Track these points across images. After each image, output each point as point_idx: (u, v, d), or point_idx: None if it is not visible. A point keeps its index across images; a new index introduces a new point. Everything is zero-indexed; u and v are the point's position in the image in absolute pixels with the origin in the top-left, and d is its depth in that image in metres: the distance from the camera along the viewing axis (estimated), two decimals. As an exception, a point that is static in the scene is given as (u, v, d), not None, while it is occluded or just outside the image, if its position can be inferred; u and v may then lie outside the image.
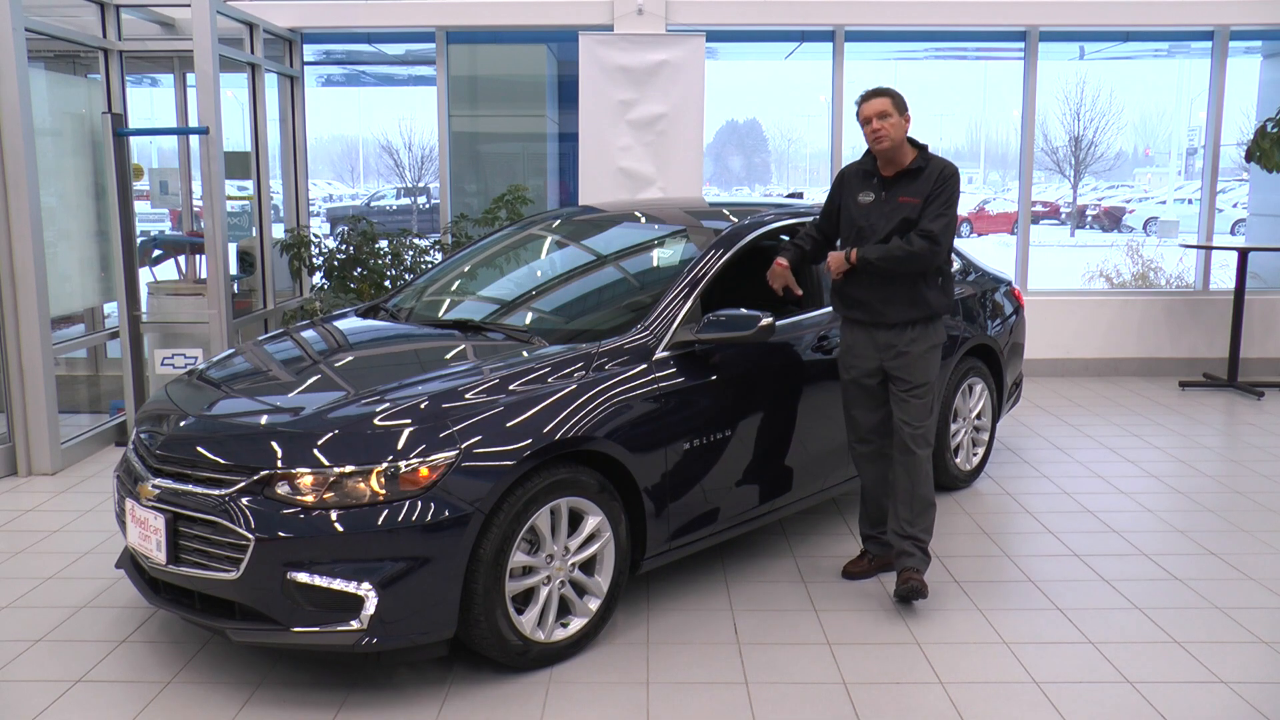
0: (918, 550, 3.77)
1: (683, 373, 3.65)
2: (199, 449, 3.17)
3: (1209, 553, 4.30)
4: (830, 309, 4.18)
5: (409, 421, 3.10)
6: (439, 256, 7.38)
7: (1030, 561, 4.22)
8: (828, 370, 4.14)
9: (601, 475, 3.35)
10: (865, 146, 3.80)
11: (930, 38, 8.56)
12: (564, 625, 3.33)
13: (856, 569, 4.03)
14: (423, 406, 3.16)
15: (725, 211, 4.62)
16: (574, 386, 3.36)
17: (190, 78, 7.16)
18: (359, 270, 7.12)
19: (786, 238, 4.24)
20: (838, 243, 3.94)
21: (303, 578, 2.92)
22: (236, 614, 3.06)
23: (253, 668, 3.28)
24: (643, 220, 4.71)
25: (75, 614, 3.70)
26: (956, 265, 5.21)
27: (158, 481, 3.19)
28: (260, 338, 4.32)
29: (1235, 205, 13.26)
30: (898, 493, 3.82)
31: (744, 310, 3.69)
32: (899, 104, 3.69)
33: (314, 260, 7.24)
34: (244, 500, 2.98)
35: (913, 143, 3.75)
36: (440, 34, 7.85)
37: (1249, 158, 7.45)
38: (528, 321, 4.08)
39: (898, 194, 3.70)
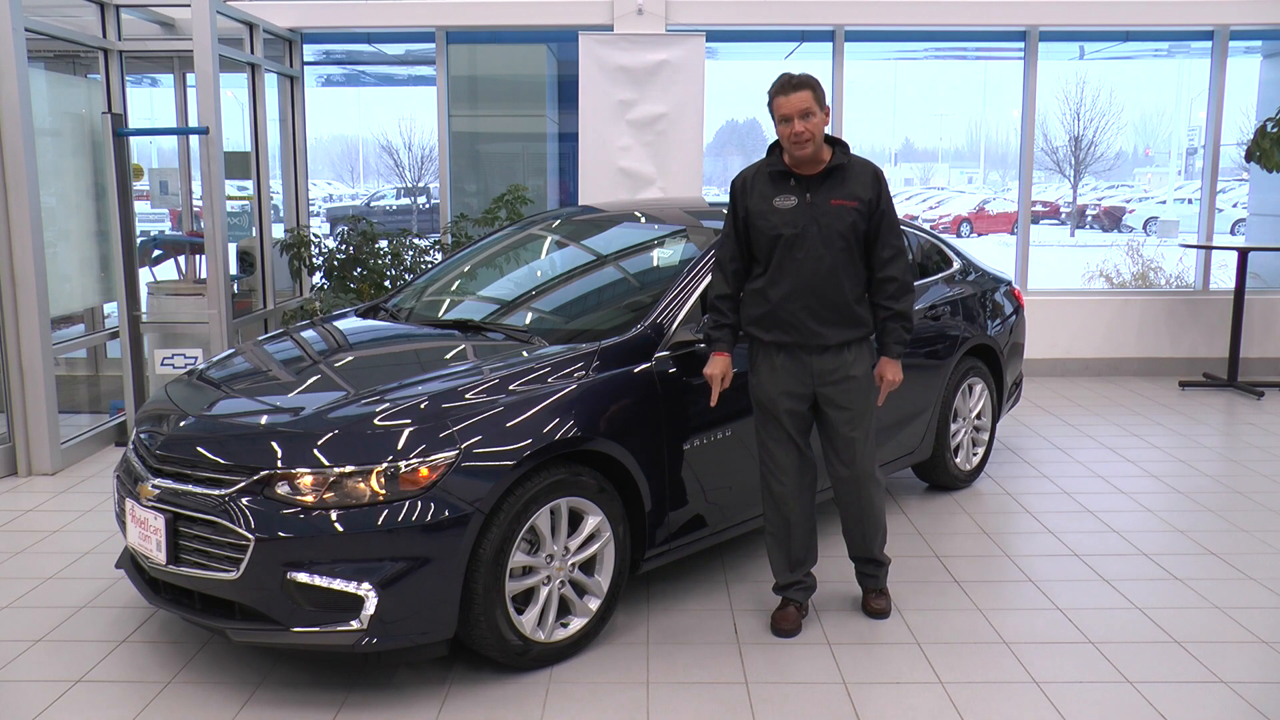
0: (879, 570, 3.73)
1: (683, 373, 3.65)
2: (199, 449, 3.17)
3: (1209, 553, 4.30)
4: None
5: (409, 421, 3.10)
6: (439, 256, 7.37)
7: (1030, 561, 4.22)
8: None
9: (601, 475, 3.35)
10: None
11: (930, 37, 8.56)
12: (564, 625, 3.32)
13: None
14: (423, 406, 3.16)
15: (725, 211, 4.61)
16: (574, 386, 3.36)
17: (190, 78, 7.16)
18: (359, 270, 7.12)
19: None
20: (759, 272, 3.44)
21: (303, 578, 2.92)
22: (236, 614, 3.06)
23: (253, 668, 3.28)
24: (643, 220, 4.71)
25: (75, 614, 3.70)
26: (956, 265, 5.21)
27: (158, 481, 3.19)
28: (260, 338, 4.32)
29: (1235, 205, 13.27)
30: (851, 523, 3.63)
31: (744, 310, 3.68)
32: (819, 96, 3.25)
33: (314, 260, 7.23)
34: (244, 500, 2.98)
35: (826, 137, 3.36)
36: (440, 34, 7.85)
37: (1249, 158, 7.45)
38: (528, 321, 4.07)
39: (828, 196, 3.31)
